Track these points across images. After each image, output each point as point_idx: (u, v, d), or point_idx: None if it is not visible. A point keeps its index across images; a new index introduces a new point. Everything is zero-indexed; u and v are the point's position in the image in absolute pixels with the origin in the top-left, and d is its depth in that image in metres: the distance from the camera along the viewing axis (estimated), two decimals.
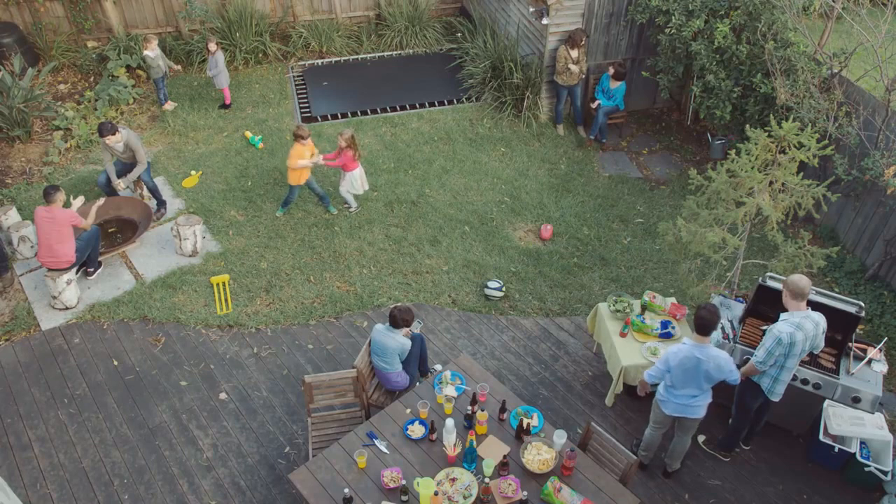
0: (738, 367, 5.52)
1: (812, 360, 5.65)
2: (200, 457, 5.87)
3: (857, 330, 6.32)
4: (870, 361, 5.64)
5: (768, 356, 4.94)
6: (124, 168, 7.98)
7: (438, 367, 6.45)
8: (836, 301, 5.65)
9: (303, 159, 7.75)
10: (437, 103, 10.42)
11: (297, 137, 7.64)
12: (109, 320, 7.05)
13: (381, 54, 11.63)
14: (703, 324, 4.76)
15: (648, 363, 5.82)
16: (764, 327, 5.91)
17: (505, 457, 4.76)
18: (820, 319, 4.97)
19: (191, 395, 6.35)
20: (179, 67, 10.48)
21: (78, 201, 7.28)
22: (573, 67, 9.13)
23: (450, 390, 5.25)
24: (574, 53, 9.09)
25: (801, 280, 4.86)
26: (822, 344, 5.12)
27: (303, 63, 11.38)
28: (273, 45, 11.28)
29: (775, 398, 5.20)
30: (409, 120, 10.04)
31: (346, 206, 8.33)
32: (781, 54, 7.68)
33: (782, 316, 4.97)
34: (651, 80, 9.43)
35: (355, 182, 8.05)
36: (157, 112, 10.08)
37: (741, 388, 5.33)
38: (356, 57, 11.57)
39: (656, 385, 5.27)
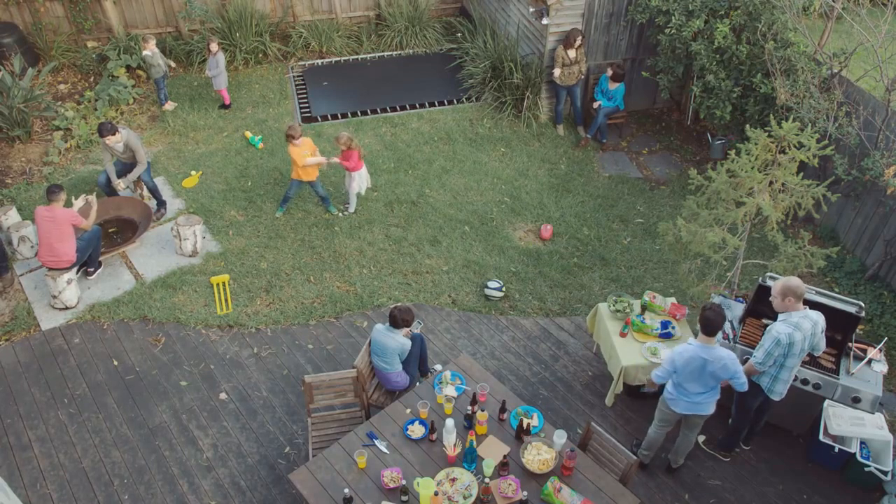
0: None
1: (812, 360, 5.65)
2: (200, 457, 5.87)
3: (857, 330, 6.32)
4: (870, 361, 5.64)
5: (767, 357, 4.94)
6: (124, 168, 7.98)
7: (438, 367, 6.45)
8: (836, 301, 5.65)
9: (306, 157, 7.74)
10: (437, 103, 10.42)
11: (288, 138, 7.64)
12: (109, 320, 7.05)
13: (381, 54, 11.63)
14: (709, 324, 4.75)
15: (648, 363, 5.83)
16: (766, 322, 5.91)
17: (505, 457, 4.76)
18: (818, 318, 4.97)
19: (191, 395, 6.35)
20: (174, 64, 10.45)
21: (80, 201, 7.28)
22: (556, 71, 9.11)
23: (450, 390, 5.25)
24: (571, 54, 9.09)
25: (797, 281, 4.87)
26: (824, 345, 5.12)
27: (303, 63, 11.38)
28: (273, 45, 11.28)
29: (776, 397, 5.19)
30: (409, 120, 10.04)
31: (346, 205, 8.33)
32: (781, 54, 7.68)
33: (780, 316, 4.97)
34: (651, 80, 9.43)
35: (362, 181, 8.06)
36: (157, 112, 10.08)
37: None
38: (356, 57, 11.57)
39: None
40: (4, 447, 5.92)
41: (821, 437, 5.52)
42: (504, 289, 7.31)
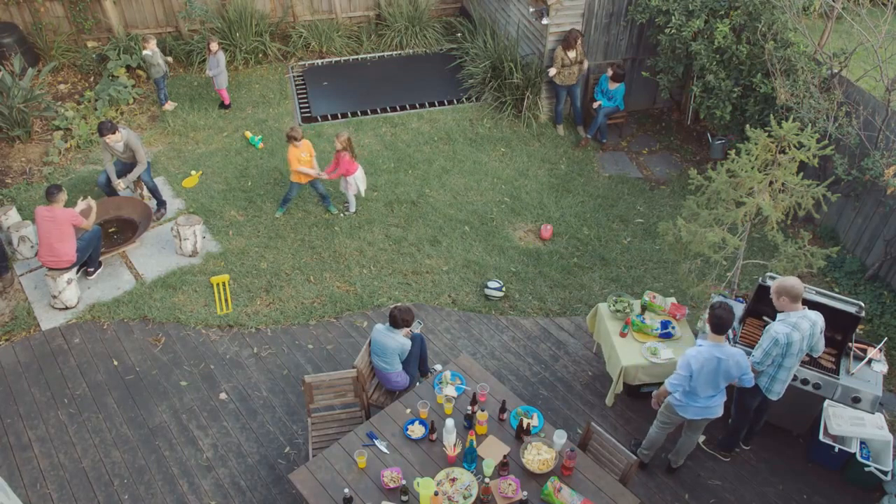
0: None
1: (812, 360, 5.65)
2: (200, 457, 5.87)
3: (857, 330, 6.32)
4: (870, 361, 5.64)
5: (765, 357, 4.95)
6: (124, 168, 7.98)
7: (438, 367, 6.45)
8: (836, 301, 5.65)
9: (300, 162, 7.73)
10: (437, 103, 10.42)
11: (290, 139, 7.64)
12: (109, 320, 7.05)
13: (381, 54, 11.63)
14: (720, 322, 4.74)
15: (648, 363, 5.82)
16: (766, 319, 5.91)
17: (505, 457, 4.76)
18: (817, 318, 4.97)
19: (191, 395, 6.35)
20: (171, 59, 10.43)
21: (82, 204, 7.29)
22: (552, 70, 9.12)
23: (450, 390, 5.25)
24: (571, 54, 9.09)
25: (794, 282, 4.87)
26: (822, 347, 5.12)
27: (303, 63, 11.38)
28: (273, 45, 11.28)
29: (773, 397, 5.20)
30: (409, 120, 10.04)
31: (346, 205, 8.33)
32: (781, 54, 7.68)
33: (779, 316, 4.98)
34: (651, 80, 9.43)
35: (359, 184, 8.06)
36: (157, 112, 10.08)
37: (740, 388, 5.32)
38: (356, 57, 11.57)
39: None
40: (4, 447, 5.92)
41: (821, 437, 5.53)
42: (504, 289, 7.31)
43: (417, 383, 5.85)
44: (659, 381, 5.89)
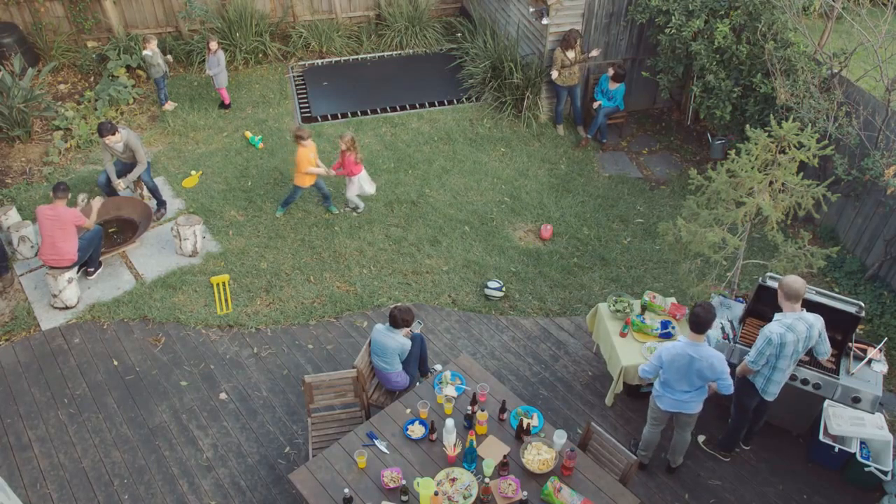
0: (736, 365, 5.53)
1: (812, 360, 5.65)
2: (200, 457, 5.87)
3: (857, 330, 6.32)
4: (870, 361, 5.64)
5: (759, 356, 4.96)
6: (124, 168, 7.98)
7: (438, 367, 6.45)
8: (836, 301, 5.65)
9: (310, 163, 7.72)
10: (437, 103, 10.42)
11: (298, 139, 7.63)
12: (109, 320, 7.05)
13: (381, 54, 11.63)
14: (698, 321, 4.76)
15: None
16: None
17: (505, 457, 4.76)
18: (815, 321, 4.97)
19: (191, 395, 6.35)
20: (170, 57, 10.42)
21: (90, 205, 7.31)
22: (554, 73, 9.12)
23: (450, 390, 5.25)
24: (570, 55, 9.09)
25: (795, 281, 4.87)
26: (828, 349, 5.13)
27: (303, 63, 11.39)
28: (273, 45, 11.28)
29: (769, 398, 5.21)
30: (409, 120, 10.04)
31: (353, 208, 8.32)
32: (781, 54, 7.68)
33: (776, 316, 4.98)
34: (651, 80, 9.43)
35: (364, 184, 8.06)
36: (157, 112, 10.08)
37: (738, 388, 5.34)
38: (356, 57, 11.57)
39: (652, 381, 5.29)
40: (4, 447, 5.92)
41: (821, 437, 5.53)
42: (504, 289, 7.31)
43: (417, 383, 5.85)
44: None
